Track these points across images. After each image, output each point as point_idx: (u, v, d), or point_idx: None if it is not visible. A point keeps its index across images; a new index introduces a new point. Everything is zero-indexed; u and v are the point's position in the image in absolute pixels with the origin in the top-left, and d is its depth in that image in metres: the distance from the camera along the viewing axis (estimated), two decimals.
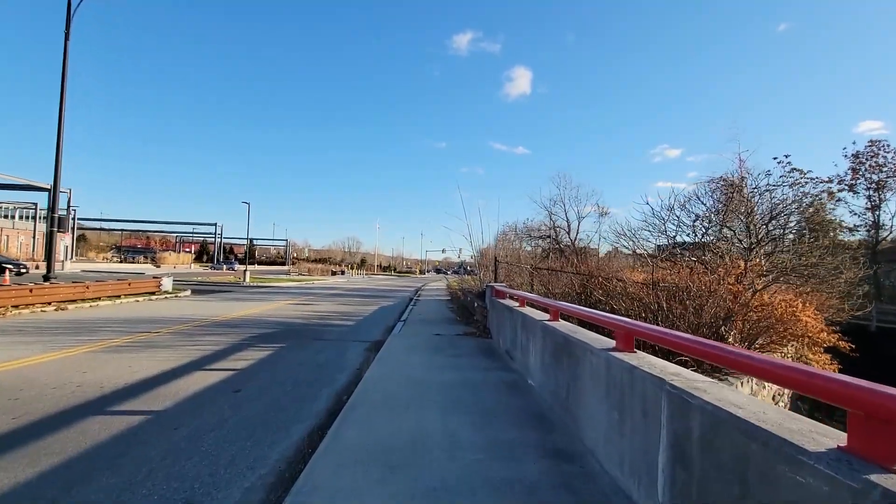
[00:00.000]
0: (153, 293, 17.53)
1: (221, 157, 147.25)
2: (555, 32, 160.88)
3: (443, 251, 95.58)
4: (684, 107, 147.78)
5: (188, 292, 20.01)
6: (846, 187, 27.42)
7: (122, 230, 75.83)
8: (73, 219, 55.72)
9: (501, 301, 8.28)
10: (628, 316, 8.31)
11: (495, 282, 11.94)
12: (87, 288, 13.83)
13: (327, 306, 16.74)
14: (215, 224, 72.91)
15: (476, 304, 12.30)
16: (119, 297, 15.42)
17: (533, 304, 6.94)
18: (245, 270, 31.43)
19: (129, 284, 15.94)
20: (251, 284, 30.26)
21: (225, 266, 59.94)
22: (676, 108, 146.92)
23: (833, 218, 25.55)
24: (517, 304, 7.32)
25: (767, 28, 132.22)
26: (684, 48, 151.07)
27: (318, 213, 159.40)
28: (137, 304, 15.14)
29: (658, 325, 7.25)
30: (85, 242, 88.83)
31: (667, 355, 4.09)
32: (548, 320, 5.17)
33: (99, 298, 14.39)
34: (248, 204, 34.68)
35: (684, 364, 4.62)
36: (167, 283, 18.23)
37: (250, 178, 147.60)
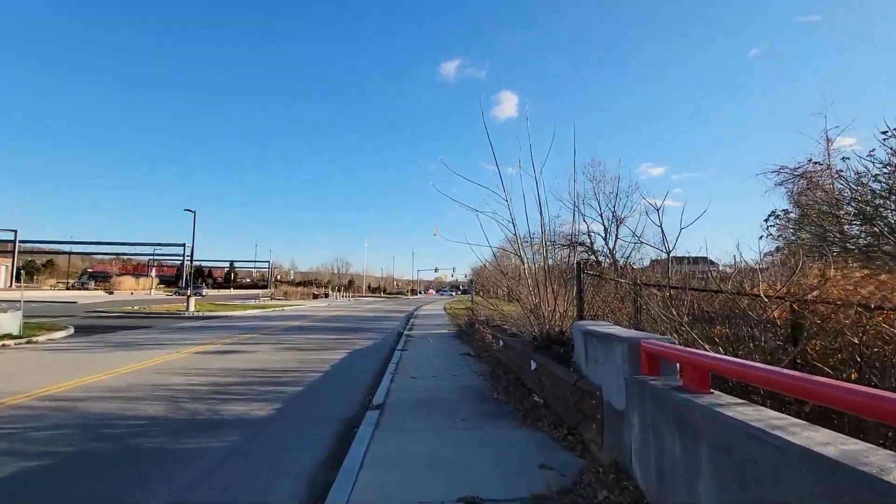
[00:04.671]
0: None
1: (205, 175, 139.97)
2: (538, 57, 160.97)
3: (435, 270, 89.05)
4: (665, 124, 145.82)
5: (67, 332, 13.24)
6: None
7: (69, 252, 67.60)
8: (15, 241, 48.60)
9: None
10: None
11: (582, 317, 5.51)
12: None
13: (260, 356, 10.12)
14: (183, 245, 65.42)
15: (534, 366, 5.82)
16: None
17: None
18: (189, 297, 24.64)
19: None
20: (195, 314, 23.43)
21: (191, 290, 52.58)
22: (657, 126, 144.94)
23: None
24: None
25: (740, 52, 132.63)
26: (664, 66, 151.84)
27: (307, 235, 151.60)
28: None
29: None
30: (53, 268, 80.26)
31: None
32: None
33: None
34: (194, 212, 27.92)
35: None
36: (8, 323, 11.43)
37: (233, 198, 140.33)
